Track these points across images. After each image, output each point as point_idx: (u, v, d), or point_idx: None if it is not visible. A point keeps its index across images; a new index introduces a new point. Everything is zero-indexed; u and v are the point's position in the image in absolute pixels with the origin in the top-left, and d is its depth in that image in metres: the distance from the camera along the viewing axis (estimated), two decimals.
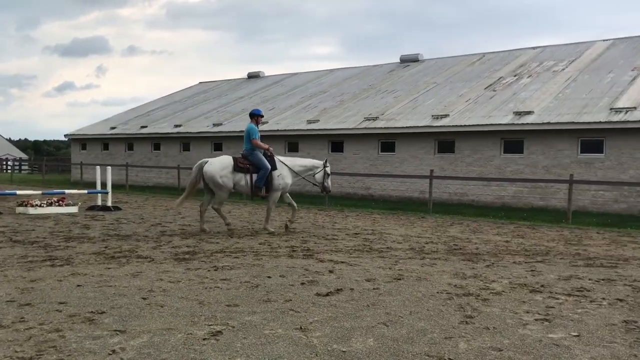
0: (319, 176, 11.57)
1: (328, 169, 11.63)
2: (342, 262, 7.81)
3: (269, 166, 10.90)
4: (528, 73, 23.61)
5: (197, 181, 11.11)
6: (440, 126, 20.53)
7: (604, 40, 25.44)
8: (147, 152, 31.73)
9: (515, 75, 23.73)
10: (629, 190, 16.94)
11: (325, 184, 11.57)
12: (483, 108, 20.84)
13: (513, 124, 18.90)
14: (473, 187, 19.90)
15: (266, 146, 11.11)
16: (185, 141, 29.74)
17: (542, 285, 6.51)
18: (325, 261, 7.90)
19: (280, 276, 6.79)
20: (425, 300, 5.70)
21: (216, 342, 4.28)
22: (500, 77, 23.96)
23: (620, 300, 5.86)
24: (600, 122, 17.21)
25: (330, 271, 7.14)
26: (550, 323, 4.95)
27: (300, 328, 4.68)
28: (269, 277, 6.74)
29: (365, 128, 22.63)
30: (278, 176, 11.06)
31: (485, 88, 23.08)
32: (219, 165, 10.84)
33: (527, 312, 5.30)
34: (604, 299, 5.90)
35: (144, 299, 5.56)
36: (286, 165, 11.27)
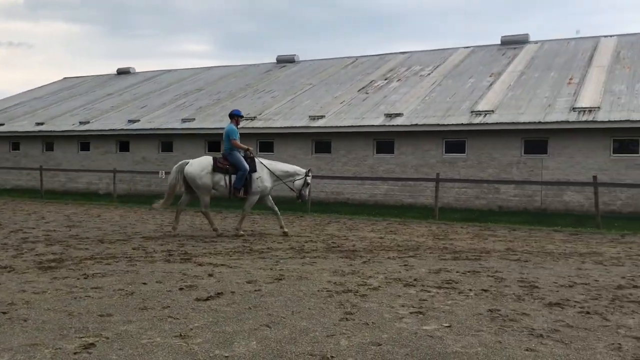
0: (298, 183, 11.43)
1: (309, 179, 11.56)
2: (222, 265, 7.69)
3: (248, 167, 10.83)
4: (397, 77, 24.76)
5: (177, 182, 11.03)
6: (317, 127, 20.92)
7: (465, 47, 27.32)
8: (5, 152, 29.15)
9: (385, 79, 24.77)
10: (487, 187, 18.34)
11: (303, 192, 11.48)
12: (357, 110, 21.53)
13: (384, 125, 19.72)
14: (348, 186, 20.50)
15: (245, 147, 11.07)
16: (49, 140, 27.69)
17: (415, 279, 6.85)
18: (204, 264, 7.72)
19: (156, 282, 6.53)
20: (306, 300, 5.76)
21: (89, 356, 4.02)
22: (372, 81, 24.89)
23: (485, 290, 6.31)
24: (462, 124, 18.47)
25: (210, 275, 6.99)
26: (424, 315, 5.21)
27: (180, 335, 4.53)
28: (145, 283, 6.45)
29: (244, 128, 22.45)
30: (257, 179, 10.99)
31: (359, 90, 23.87)
32: (199, 166, 10.82)
33: (403, 306, 5.54)
34: (470, 290, 6.33)
35: (4, 313, 5.09)
36: (267, 168, 11.19)
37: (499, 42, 26.49)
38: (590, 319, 5.18)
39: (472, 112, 18.93)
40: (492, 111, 18.65)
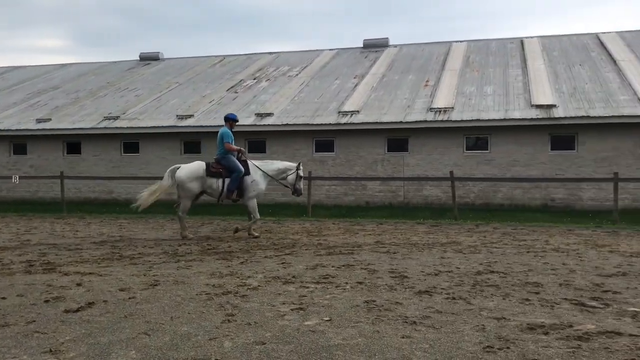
0: (291, 178, 11.33)
1: (301, 172, 11.44)
2: (91, 273, 7.26)
3: (242, 169, 10.79)
4: (266, 77, 24.90)
5: (168, 186, 10.93)
6: (186, 126, 20.44)
7: (330, 50, 28.14)
8: None
9: (255, 79, 24.81)
10: (355, 184, 19.08)
11: (297, 186, 11.33)
12: (227, 109, 21.31)
13: (255, 125, 19.75)
14: None
15: (237, 148, 11.02)
16: None
17: (293, 276, 6.96)
18: (70, 274, 7.24)
19: (17, 295, 6.02)
20: (185, 304, 5.63)
21: None
22: (241, 80, 24.81)
23: (360, 283, 6.57)
24: (330, 124, 19.02)
25: (78, 284, 6.58)
26: (304, 311, 5.32)
27: (51, 350, 4.23)
28: (4, 297, 5.93)
29: (106, 128, 21.35)
30: (252, 182, 10.94)
31: (228, 90, 23.67)
32: (189, 171, 10.77)
33: (283, 304, 5.61)
34: (346, 283, 6.56)
35: None
36: (260, 170, 11.13)
37: (362, 45, 27.59)
38: (456, 304, 5.59)
39: (339, 112, 19.55)
40: (358, 111, 19.40)
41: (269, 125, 19.60)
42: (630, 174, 16.55)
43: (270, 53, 28.99)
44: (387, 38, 27.38)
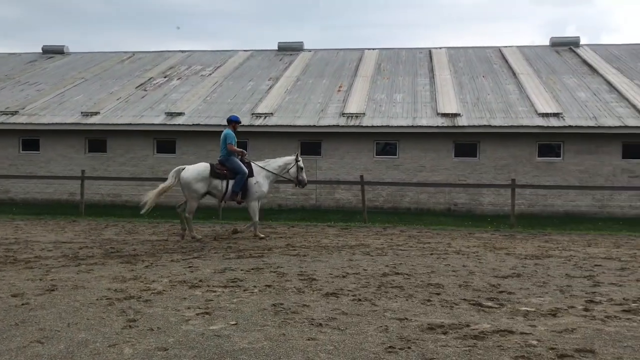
0: (292, 171, 11.42)
1: (300, 163, 11.45)
2: None
3: (247, 171, 10.85)
4: (178, 75, 24.34)
5: (171, 186, 11.00)
6: (91, 124, 19.57)
7: (244, 51, 27.94)
8: None
9: (165, 77, 24.18)
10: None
11: (300, 177, 11.42)
12: (135, 107, 20.65)
13: (165, 124, 19.25)
14: (127, 187, 19.55)
15: (240, 150, 11.03)
16: None
17: (200, 280, 6.83)
18: None
19: None
20: (84, 310, 5.38)
21: None
22: (151, 78, 24.10)
23: (269, 286, 6.56)
24: (243, 125, 18.86)
25: None
26: (210, 316, 5.23)
27: None
28: None
29: (3, 123, 20.03)
30: (255, 184, 11.03)
31: (137, 87, 22.91)
32: (194, 171, 10.75)
33: (189, 308, 5.49)
34: (255, 286, 6.52)
35: None
36: (264, 170, 11.24)
37: (277, 48, 27.62)
38: (362, 305, 5.71)
39: (252, 114, 19.45)
40: (272, 114, 19.39)
41: (179, 125, 19.16)
42: (527, 180, 17.61)
43: (182, 51, 28.37)
44: (301, 42, 27.58)
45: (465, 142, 18.46)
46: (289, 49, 27.27)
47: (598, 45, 26.59)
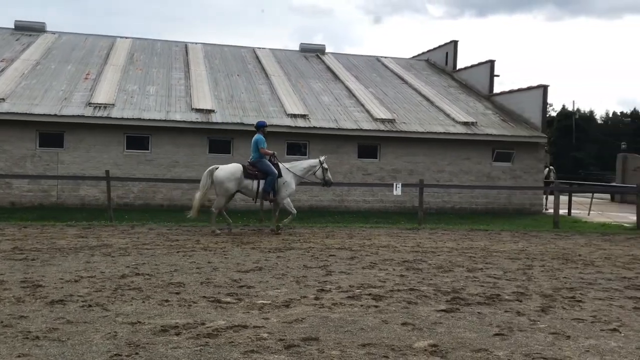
0: (319, 173, 12.46)
1: (325, 165, 12.47)
2: None
3: (276, 172, 11.77)
4: None
5: (208, 186, 11.75)
6: None
7: None
8: None
9: None
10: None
11: (326, 178, 12.47)
12: None
13: None
14: None
15: (270, 152, 11.99)
16: None
17: None
18: None
19: None
20: None
21: None
22: None
23: None
24: None
25: None
26: None
27: None
28: None
29: None
30: (284, 184, 11.97)
31: None
32: (229, 172, 11.62)
33: None
34: None
35: None
36: (291, 172, 12.18)
37: (13, 27, 24.51)
38: (92, 311, 5.28)
39: None
40: (3, 99, 17.12)
41: None
42: None
43: None
44: (43, 23, 24.88)
45: (220, 139, 18.59)
46: (28, 29, 24.36)
47: (340, 54, 29.11)
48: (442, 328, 5.15)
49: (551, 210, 18.07)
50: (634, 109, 70.81)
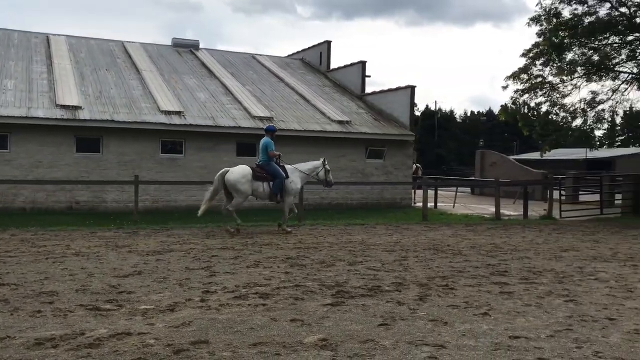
0: (322, 174, 12.97)
1: (327, 166, 12.98)
2: None
3: (284, 175, 12.22)
4: None
5: (220, 189, 12.18)
6: None
7: None
8: None
9: None
10: None
11: (328, 179, 12.98)
12: None
13: None
14: None
15: (278, 154, 12.40)
16: None
17: None
18: None
19: None
20: None
21: None
22: None
23: None
24: None
25: None
26: None
27: None
28: None
29: None
30: (290, 183, 12.40)
31: None
32: (239, 174, 11.98)
33: None
34: None
35: None
36: (298, 171, 12.69)
37: None
38: None
39: None
40: None
41: None
42: (152, 177, 17.77)
43: None
44: None
45: (88, 137, 17.55)
46: None
47: (215, 50, 28.70)
48: (330, 322, 5.27)
49: (420, 204, 19.15)
50: (489, 108, 77.07)
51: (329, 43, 28.30)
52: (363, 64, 25.79)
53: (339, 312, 5.65)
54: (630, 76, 20.55)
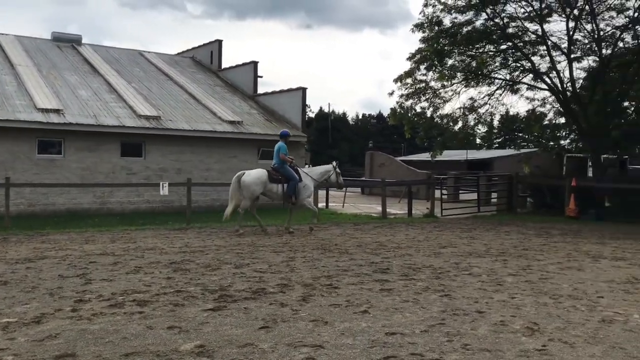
0: (333, 177, 13.72)
1: (337, 169, 13.79)
2: None
3: (297, 177, 12.93)
4: None
5: (238, 190, 12.73)
6: None
7: None
8: None
9: None
10: None
11: (339, 181, 13.87)
12: None
13: None
14: None
15: (290, 159, 13.14)
16: None
17: None
18: None
19: None
20: None
21: None
22: None
23: None
24: None
25: None
26: None
27: None
28: None
29: None
30: (304, 187, 13.10)
31: None
32: (255, 176, 12.68)
33: None
34: None
35: None
36: (309, 176, 13.42)
37: None
38: None
39: None
40: None
41: None
42: (27, 179, 16.57)
43: None
44: None
45: None
46: None
47: (99, 46, 27.33)
48: (209, 327, 5.15)
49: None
50: (379, 111, 79.69)
51: (219, 42, 27.90)
52: (255, 64, 25.67)
53: (220, 316, 5.54)
54: (504, 82, 22.09)
